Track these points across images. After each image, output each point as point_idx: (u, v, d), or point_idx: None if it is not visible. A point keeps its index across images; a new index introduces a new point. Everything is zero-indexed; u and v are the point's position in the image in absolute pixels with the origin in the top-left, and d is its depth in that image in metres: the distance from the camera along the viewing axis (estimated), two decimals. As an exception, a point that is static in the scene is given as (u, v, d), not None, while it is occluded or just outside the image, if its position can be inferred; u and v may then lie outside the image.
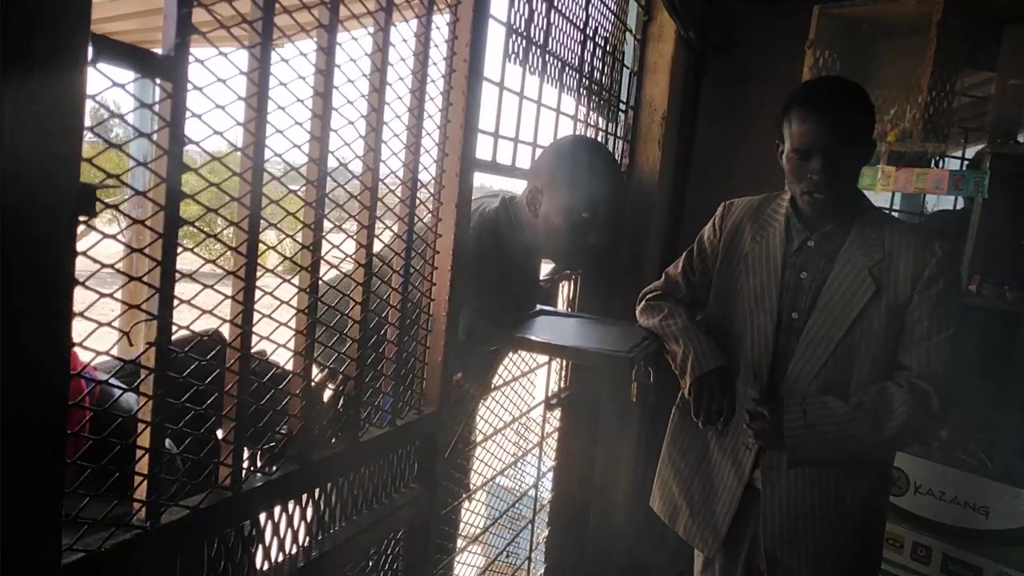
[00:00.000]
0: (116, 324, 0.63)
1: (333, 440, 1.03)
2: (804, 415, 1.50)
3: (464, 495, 1.85)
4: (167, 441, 0.77)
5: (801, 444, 1.50)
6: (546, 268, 2.00)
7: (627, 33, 2.60)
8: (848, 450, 1.51)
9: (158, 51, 0.65)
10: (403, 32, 1.04)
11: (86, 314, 0.59)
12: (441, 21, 1.16)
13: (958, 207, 2.53)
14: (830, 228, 1.58)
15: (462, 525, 1.88)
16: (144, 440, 0.72)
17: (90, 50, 0.56)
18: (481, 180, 1.86)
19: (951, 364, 1.48)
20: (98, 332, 0.61)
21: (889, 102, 2.41)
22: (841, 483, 1.58)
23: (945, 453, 2.15)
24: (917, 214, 2.77)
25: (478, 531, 2.01)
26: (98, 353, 0.66)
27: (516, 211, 1.61)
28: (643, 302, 1.81)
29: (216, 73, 0.72)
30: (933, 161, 2.46)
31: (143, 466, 0.72)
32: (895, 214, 2.70)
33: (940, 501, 2.08)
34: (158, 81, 0.65)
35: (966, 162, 2.53)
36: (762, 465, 1.61)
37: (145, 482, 0.72)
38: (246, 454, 0.89)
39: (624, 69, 2.61)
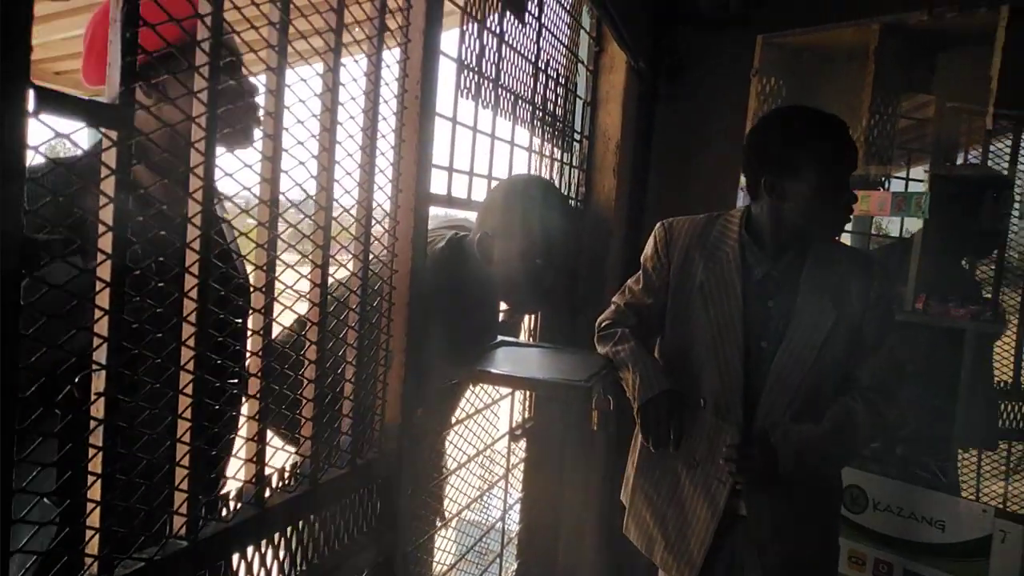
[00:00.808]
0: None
1: (292, 482, 1.01)
2: (795, 452, 1.54)
3: (440, 524, 1.83)
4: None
5: (793, 476, 1.55)
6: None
7: (579, 65, 2.65)
8: (828, 468, 1.67)
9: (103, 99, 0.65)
10: (353, 71, 1.05)
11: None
12: (392, 59, 1.17)
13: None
14: (791, 256, 1.61)
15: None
16: (95, 493, 0.70)
17: (31, 101, 0.56)
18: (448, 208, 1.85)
19: (894, 372, 1.63)
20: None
21: (833, 127, 2.48)
22: (812, 495, 1.66)
23: (900, 469, 2.19)
24: (867, 234, 2.84)
25: (445, 568, 1.98)
26: (47, 406, 0.64)
27: (465, 252, 1.58)
28: (597, 332, 1.81)
29: (165, 120, 0.72)
30: (878, 183, 2.54)
31: (95, 519, 0.71)
32: (846, 236, 2.78)
33: (898, 517, 2.11)
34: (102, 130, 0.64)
35: (917, 183, 2.61)
36: (745, 496, 1.62)
37: (97, 535, 0.70)
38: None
39: (577, 100, 2.65)
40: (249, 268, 0.89)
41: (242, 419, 0.91)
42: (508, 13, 1.85)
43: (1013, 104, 2.09)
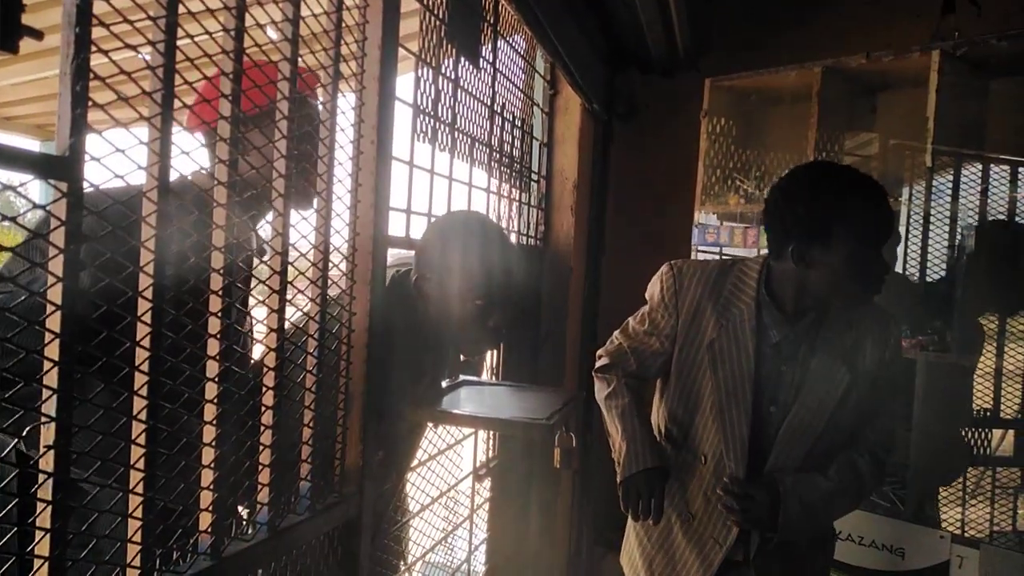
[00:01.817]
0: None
1: (249, 531, 1.00)
2: (801, 503, 1.49)
3: (403, 569, 1.80)
4: None
5: (793, 526, 1.50)
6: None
7: (534, 107, 2.71)
8: (830, 520, 1.66)
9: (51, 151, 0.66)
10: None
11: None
12: (347, 105, 1.19)
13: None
14: (810, 320, 1.53)
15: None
16: (43, 548, 0.69)
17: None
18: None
19: (897, 425, 1.64)
20: None
21: (781, 164, 2.58)
22: (812, 547, 1.65)
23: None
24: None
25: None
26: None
27: (408, 290, 1.53)
28: (596, 368, 1.75)
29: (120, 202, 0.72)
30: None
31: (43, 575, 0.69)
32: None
33: (860, 546, 2.13)
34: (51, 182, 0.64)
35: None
36: (755, 566, 1.57)
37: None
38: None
39: (534, 141, 2.70)
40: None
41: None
42: (462, 58, 1.89)
43: (951, 141, 2.18)
